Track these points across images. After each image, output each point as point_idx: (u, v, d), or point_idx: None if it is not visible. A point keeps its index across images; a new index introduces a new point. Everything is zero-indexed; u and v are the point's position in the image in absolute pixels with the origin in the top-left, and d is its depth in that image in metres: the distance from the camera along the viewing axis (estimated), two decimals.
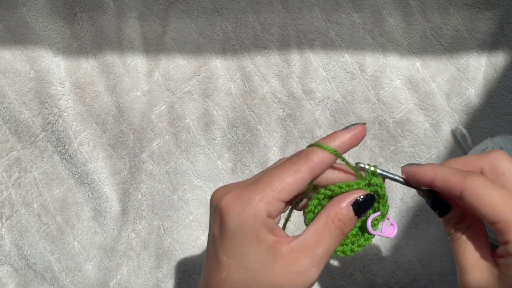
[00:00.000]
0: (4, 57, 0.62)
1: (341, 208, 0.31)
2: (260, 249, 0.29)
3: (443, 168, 0.30)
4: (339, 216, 0.31)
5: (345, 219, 0.31)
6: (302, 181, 0.30)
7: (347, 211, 0.31)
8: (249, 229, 0.29)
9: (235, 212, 0.30)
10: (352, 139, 0.31)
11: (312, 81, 0.63)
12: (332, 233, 0.30)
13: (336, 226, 0.30)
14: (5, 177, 0.63)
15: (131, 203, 0.64)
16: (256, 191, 0.30)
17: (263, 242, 0.29)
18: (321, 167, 0.31)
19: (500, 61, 0.62)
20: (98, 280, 0.63)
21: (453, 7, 0.62)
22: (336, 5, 0.62)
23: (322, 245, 0.30)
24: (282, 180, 0.30)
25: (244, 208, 0.29)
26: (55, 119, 0.63)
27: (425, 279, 0.61)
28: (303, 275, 0.29)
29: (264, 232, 0.29)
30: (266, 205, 0.29)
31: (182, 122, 0.64)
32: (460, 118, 0.62)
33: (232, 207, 0.30)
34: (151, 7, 0.64)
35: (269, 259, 0.29)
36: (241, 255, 0.29)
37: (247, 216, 0.29)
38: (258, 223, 0.29)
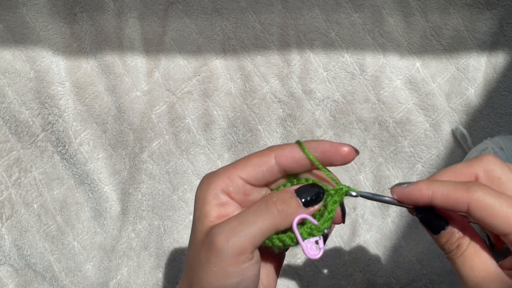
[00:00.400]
0: (4, 57, 0.62)
1: (284, 188, 0.30)
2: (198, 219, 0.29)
3: (440, 184, 0.28)
4: (275, 193, 0.30)
5: (281, 194, 0.29)
6: (266, 165, 0.30)
7: (287, 189, 0.30)
8: (201, 198, 0.30)
9: (201, 183, 0.30)
10: (335, 155, 0.30)
11: (312, 81, 0.63)
12: (259, 205, 0.29)
13: (266, 199, 0.29)
14: (5, 177, 0.63)
15: (131, 203, 0.64)
16: (223, 168, 0.30)
17: (203, 214, 0.29)
18: (290, 162, 0.30)
19: (500, 61, 0.62)
20: (98, 280, 0.63)
21: (453, 7, 0.62)
22: (336, 5, 0.62)
23: (241, 216, 0.28)
24: (247, 160, 0.30)
25: (206, 179, 0.30)
26: (55, 119, 0.63)
27: (425, 279, 0.61)
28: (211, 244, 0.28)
29: (210, 204, 0.29)
30: (225, 179, 0.29)
31: (182, 122, 0.64)
32: (460, 118, 0.62)
33: (202, 180, 0.31)
34: (151, 7, 0.64)
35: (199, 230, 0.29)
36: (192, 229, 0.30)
37: (205, 185, 0.30)
38: (210, 193, 0.29)
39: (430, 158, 0.63)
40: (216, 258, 0.27)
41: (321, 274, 0.62)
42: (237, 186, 0.30)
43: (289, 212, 0.29)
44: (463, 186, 0.27)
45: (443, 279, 0.61)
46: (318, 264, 0.63)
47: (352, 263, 0.62)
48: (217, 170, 0.31)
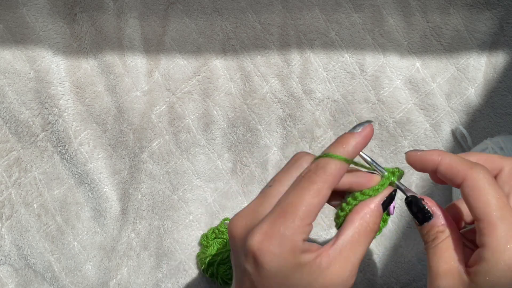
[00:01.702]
0: (4, 57, 0.62)
1: (373, 209, 0.31)
2: (303, 274, 0.29)
3: (451, 155, 0.30)
4: (373, 219, 0.31)
5: (378, 220, 0.31)
6: (325, 198, 0.30)
7: (379, 211, 0.31)
8: (291, 265, 0.29)
9: (273, 254, 0.29)
10: (364, 141, 0.31)
11: (312, 81, 0.63)
12: (367, 237, 0.30)
13: (371, 229, 0.31)
14: (5, 177, 0.63)
15: (131, 203, 0.64)
16: (285, 225, 0.29)
17: (305, 266, 0.29)
18: (339, 179, 0.30)
19: (500, 61, 0.62)
20: (98, 280, 0.63)
21: (453, 7, 0.62)
22: (336, 5, 0.62)
23: (359, 251, 0.30)
24: (308, 205, 0.29)
25: (281, 248, 0.28)
26: (55, 119, 0.63)
27: (425, 279, 0.61)
28: (345, 284, 0.29)
29: (303, 257, 0.29)
30: (300, 235, 0.29)
31: (182, 122, 0.64)
32: (460, 118, 0.62)
33: (267, 249, 0.29)
34: (151, 7, 0.64)
35: (312, 278, 0.29)
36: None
37: (287, 255, 0.29)
38: (298, 256, 0.29)
39: None
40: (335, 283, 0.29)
41: None
42: (309, 231, 0.30)
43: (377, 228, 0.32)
44: (468, 163, 0.29)
45: None
46: None
47: None
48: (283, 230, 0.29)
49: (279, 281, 0.29)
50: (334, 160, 0.30)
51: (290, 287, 0.29)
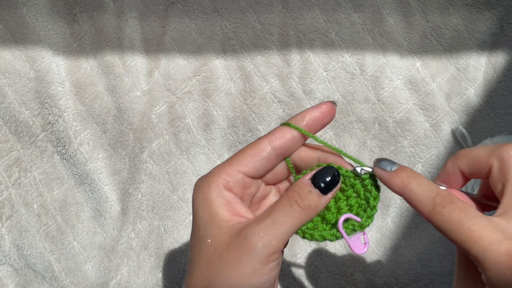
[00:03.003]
0: (4, 57, 0.62)
1: (299, 181, 0.30)
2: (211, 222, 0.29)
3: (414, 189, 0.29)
4: (294, 188, 0.30)
5: (300, 191, 0.29)
6: (262, 153, 0.30)
7: (303, 182, 0.30)
8: (203, 199, 0.30)
9: (198, 185, 0.31)
10: (321, 116, 0.31)
11: (312, 81, 0.63)
12: (283, 204, 0.29)
13: (288, 197, 0.29)
14: (5, 177, 0.63)
15: (131, 203, 0.64)
16: (219, 166, 0.30)
17: (214, 214, 0.29)
18: (285, 143, 0.31)
19: (500, 61, 0.62)
20: (98, 280, 0.63)
21: (453, 7, 0.62)
22: (336, 5, 0.62)
23: (269, 216, 0.29)
24: (242, 153, 0.30)
25: (204, 180, 0.30)
26: (55, 119, 0.63)
27: (425, 279, 0.61)
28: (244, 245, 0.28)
29: (217, 204, 0.29)
30: (225, 175, 0.30)
31: (182, 122, 0.64)
32: (460, 118, 0.62)
33: (197, 183, 0.31)
34: (151, 7, 0.64)
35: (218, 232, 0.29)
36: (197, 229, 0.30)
37: (204, 186, 0.30)
38: (212, 193, 0.29)
39: (430, 158, 0.63)
40: (247, 258, 0.28)
41: (321, 274, 0.62)
42: (237, 180, 0.30)
43: (312, 206, 0.29)
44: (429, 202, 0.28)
45: (443, 279, 0.61)
46: (318, 264, 0.63)
47: (352, 263, 0.63)
48: (212, 170, 0.31)
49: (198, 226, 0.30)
50: (284, 126, 0.31)
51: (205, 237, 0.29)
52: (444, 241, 0.62)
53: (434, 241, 0.62)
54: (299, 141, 0.31)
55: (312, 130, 0.31)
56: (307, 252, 0.63)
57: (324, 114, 0.31)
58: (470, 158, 0.30)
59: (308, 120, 0.31)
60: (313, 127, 0.31)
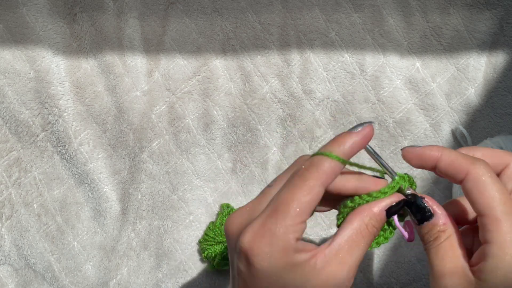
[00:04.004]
0: (4, 57, 0.62)
1: (375, 213, 0.30)
2: (297, 274, 0.28)
3: (451, 151, 0.30)
4: (372, 223, 0.30)
5: (378, 225, 0.30)
6: (318, 196, 0.29)
7: (381, 217, 0.30)
8: (283, 264, 0.28)
9: (264, 253, 0.28)
10: (362, 141, 0.30)
11: (312, 81, 0.63)
12: (366, 240, 0.30)
13: (370, 233, 0.30)
14: (5, 177, 0.63)
15: (131, 203, 0.64)
16: (277, 223, 0.28)
17: (298, 266, 0.28)
18: (332, 178, 0.29)
19: (500, 61, 0.62)
20: (98, 280, 0.63)
21: (453, 7, 0.62)
22: (336, 5, 0.62)
23: (356, 253, 0.29)
24: (299, 203, 0.28)
25: (272, 247, 0.28)
26: (55, 119, 0.63)
27: (425, 279, 0.61)
28: (340, 286, 0.29)
29: (296, 257, 0.28)
30: (292, 234, 0.28)
31: (182, 122, 0.64)
32: (460, 118, 0.62)
33: (258, 247, 0.28)
34: (151, 7, 0.64)
35: (306, 279, 0.28)
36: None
37: (278, 254, 0.28)
38: (290, 255, 0.28)
39: None
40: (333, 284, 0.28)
41: None
42: (302, 230, 0.29)
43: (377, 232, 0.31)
44: (469, 159, 0.29)
45: None
46: None
47: None
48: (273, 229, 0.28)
49: (272, 281, 0.28)
50: (327, 158, 0.29)
51: (283, 287, 0.28)
52: None
53: None
54: (339, 171, 0.30)
55: (349, 156, 0.30)
56: None
57: (365, 138, 0.30)
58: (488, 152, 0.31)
59: (348, 148, 0.29)
60: (351, 154, 0.30)
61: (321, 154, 0.29)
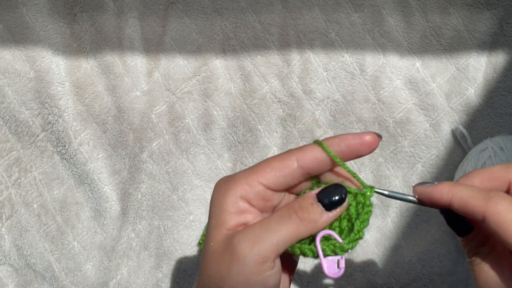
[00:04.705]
0: (4, 57, 0.62)
1: (305, 194, 0.29)
2: (216, 229, 0.28)
3: (462, 189, 0.28)
4: (297, 200, 0.29)
5: (302, 202, 0.28)
6: (288, 169, 0.28)
7: (308, 195, 0.29)
8: (218, 204, 0.28)
9: (217, 188, 0.29)
10: (360, 146, 0.29)
11: (312, 81, 0.63)
12: (282, 213, 0.28)
13: (288, 207, 0.28)
14: (5, 177, 0.63)
15: (131, 203, 0.64)
16: (241, 173, 0.29)
17: (221, 222, 0.28)
18: (313, 163, 0.29)
19: (500, 61, 0.62)
20: (98, 280, 0.63)
21: (453, 7, 0.62)
22: (336, 5, 0.62)
23: (264, 223, 0.28)
24: (267, 165, 0.29)
25: (224, 185, 0.29)
26: (55, 119, 0.63)
27: (425, 279, 0.61)
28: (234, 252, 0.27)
29: (228, 212, 0.28)
30: (245, 185, 0.28)
31: (182, 122, 0.64)
32: (460, 118, 0.62)
33: (218, 184, 0.30)
34: (151, 7, 0.64)
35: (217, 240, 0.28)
36: (208, 237, 0.29)
37: (222, 191, 0.29)
38: (228, 200, 0.28)
39: (430, 158, 0.63)
40: (239, 267, 0.27)
41: (321, 274, 0.62)
42: (257, 192, 0.28)
43: (312, 219, 0.28)
44: (483, 195, 0.27)
45: (443, 279, 0.61)
46: (318, 264, 0.63)
47: (352, 263, 0.63)
48: (235, 175, 0.29)
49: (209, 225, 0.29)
50: (316, 145, 0.29)
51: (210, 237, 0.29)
52: (444, 241, 0.62)
53: (434, 241, 0.62)
54: (328, 165, 0.29)
55: (344, 157, 0.29)
56: None
57: (363, 144, 0.29)
58: (485, 176, 0.29)
59: (343, 147, 0.29)
60: (346, 155, 0.29)
61: (316, 142, 0.29)
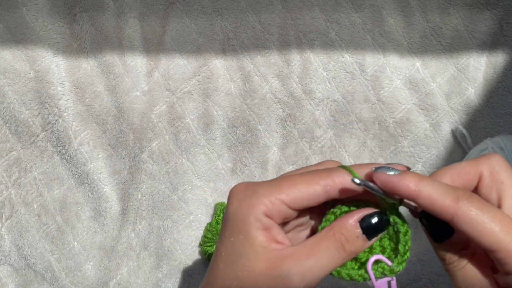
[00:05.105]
0: (4, 57, 0.62)
1: (347, 222, 0.28)
2: (247, 244, 0.28)
3: (430, 184, 0.26)
4: (342, 230, 0.28)
5: (348, 234, 0.28)
6: (314, 193, 0.28)
7: (352, 226, 0.28)
8: (241, 218, 0.28)
9: (238, 198, 0.29)
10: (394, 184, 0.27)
11: (312, 81, 0.63)
12: (329, 246, 0.28)
13: (335, 239, 0.28)
14: (5, 177, 0.63)
15: (131, 203, 0.64)
16: (264, 188, 0.29)
17: (251, 238, 0.28)
18: (339, 190, 0.28)
19: (500, 61, 0.62)
20: (98, 280, 0.63)
21: (453, 7, 0.62)
22: (336, 5, 0.62)
23: (314, 256, 0.28)
24: (293, 185, 0.28)
25: (246, 197, 0.29)
26: (55, 119, 0.63)
27: (425, 279, 0.61)
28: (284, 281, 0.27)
29: (255, 228, 0.28)
30: (268, 202, 0.28)
31: (182, 122, 0.64)
32: (460, 118, 0.62)
33: (237, 193, 0.29)
34: (151, 7, 0.64)
35: (254, 257, 0.28)
36: (231, 244, 0.29)
37: (245, 204, 0.28)
38: (252, 216, 0.28)
39: (430, 158, 0.63)
40: None
41: None
42: (279, 210, 0.28)
43: (357, 251, 0.28)
44: (452, 194, 0.26)
45: (443, 279, 0.61)
46: None
47: None
48: (256, 188, 0.29)
49: (229, 233, 0.29)
50: (344, 171, 0.28)
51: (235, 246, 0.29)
52: None
53: None
54: (353, 193, 0.29)
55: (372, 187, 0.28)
56: None
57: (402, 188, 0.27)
58: (455, 172, 0.28)
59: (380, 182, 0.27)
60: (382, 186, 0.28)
61: (344, 167, 0.29)
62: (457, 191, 0.26)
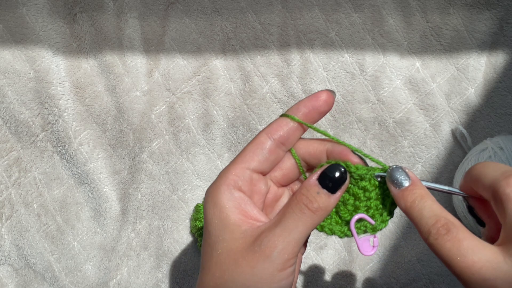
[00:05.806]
0: (4, 57, 0.62)
1: (306, 183, 0.29)
2: (222, 227, 0.29)
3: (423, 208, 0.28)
4: (302, 191, 0.29)
5: (308, 193, 0.29)
6: (263, 145, 0.30)
7: (310, 184, 0.29)
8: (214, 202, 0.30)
9: (208, 192, 0.31)
10: (318, 105, 0.31)
11: (312, 81, 0.63)
12: (293, 209, 0.29)
13: (297, 201, 0.29)
14: (5, 177, 0.63)
15: (131, 203, 0.64)
16: (228, 167, 0.31)
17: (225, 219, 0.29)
18: (284, 133, 0.31)
19: (500, 61, 0.62)
20: (98, 280, 0.63)
21: (453, 7, 0.62)
22: (336, 5, 0.62)
23: (280, 222, 0.29)
24: (244, 150, 0.31)
25: (212, 186, 0.31)
26: (55, 119, 0.63)
27: (425, 279, 0.61)
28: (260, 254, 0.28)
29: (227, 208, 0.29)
30: (233, 175, 0.30)
31: (182, 122, 0.64)
32: (460, 118, 0.62)
33: (208, 189, 0.32)
34: (151, 7, 0.64)
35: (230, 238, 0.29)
36: (208, 234, 0.30)
37: (215, 188, 0.30)
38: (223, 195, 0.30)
39: (430, 158, 0.63)
40: (264, 265, 0.28)
41: (321, 273, 0.62)
42: (245, 178, 0.30)
43: (323, 207, 0.29)
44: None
45: (443, 279, 0.61)
46: (318, 263, 0.63)
47: (352, 263, 0.63)
48: (219, 174, 0.31)
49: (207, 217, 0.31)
50: (281, 117, 0.31)
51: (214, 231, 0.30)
52: None
53: None
54: (297, 130, 0.31)
55: (310, 119, 0.31)
56: (307, 251, 0.63)
57: (321, 103, 0.31)
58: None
59: (304, 110, 0.31)
60: (310, 116, 0.31)
61: (281, 116, 0.32)
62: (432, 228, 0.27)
